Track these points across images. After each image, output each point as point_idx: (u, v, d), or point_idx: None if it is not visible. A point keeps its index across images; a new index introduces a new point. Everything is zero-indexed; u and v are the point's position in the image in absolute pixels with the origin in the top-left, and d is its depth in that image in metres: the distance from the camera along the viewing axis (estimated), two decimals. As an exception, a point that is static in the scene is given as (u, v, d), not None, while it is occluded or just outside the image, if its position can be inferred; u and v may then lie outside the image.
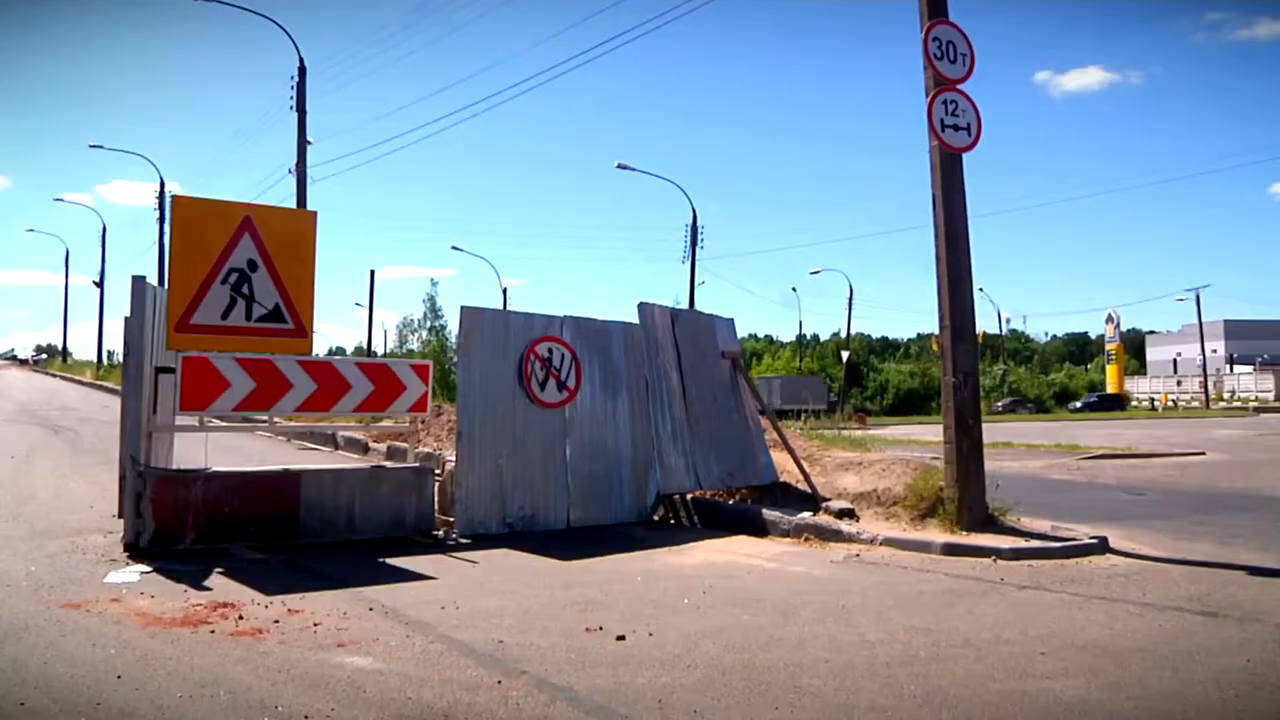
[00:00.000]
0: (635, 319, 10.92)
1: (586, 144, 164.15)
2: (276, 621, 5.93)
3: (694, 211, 48.92)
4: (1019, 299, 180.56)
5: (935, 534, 9.06)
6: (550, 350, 9.91)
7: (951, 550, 8.63)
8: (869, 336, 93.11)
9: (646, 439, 10.55)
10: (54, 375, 63.04)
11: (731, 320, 12.37)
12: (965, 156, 9.85)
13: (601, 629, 5.90)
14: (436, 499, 9.45)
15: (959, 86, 9.75)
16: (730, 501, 10.95)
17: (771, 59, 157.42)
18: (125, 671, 4.93)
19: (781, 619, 6.35)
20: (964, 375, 9.64)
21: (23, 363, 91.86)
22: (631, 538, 9.51)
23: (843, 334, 70.44)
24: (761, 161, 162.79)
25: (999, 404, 68.75)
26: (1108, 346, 73.70)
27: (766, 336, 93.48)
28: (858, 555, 8.66)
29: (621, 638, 5.71)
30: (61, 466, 13.81)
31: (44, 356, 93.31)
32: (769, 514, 9.92)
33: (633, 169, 46.99)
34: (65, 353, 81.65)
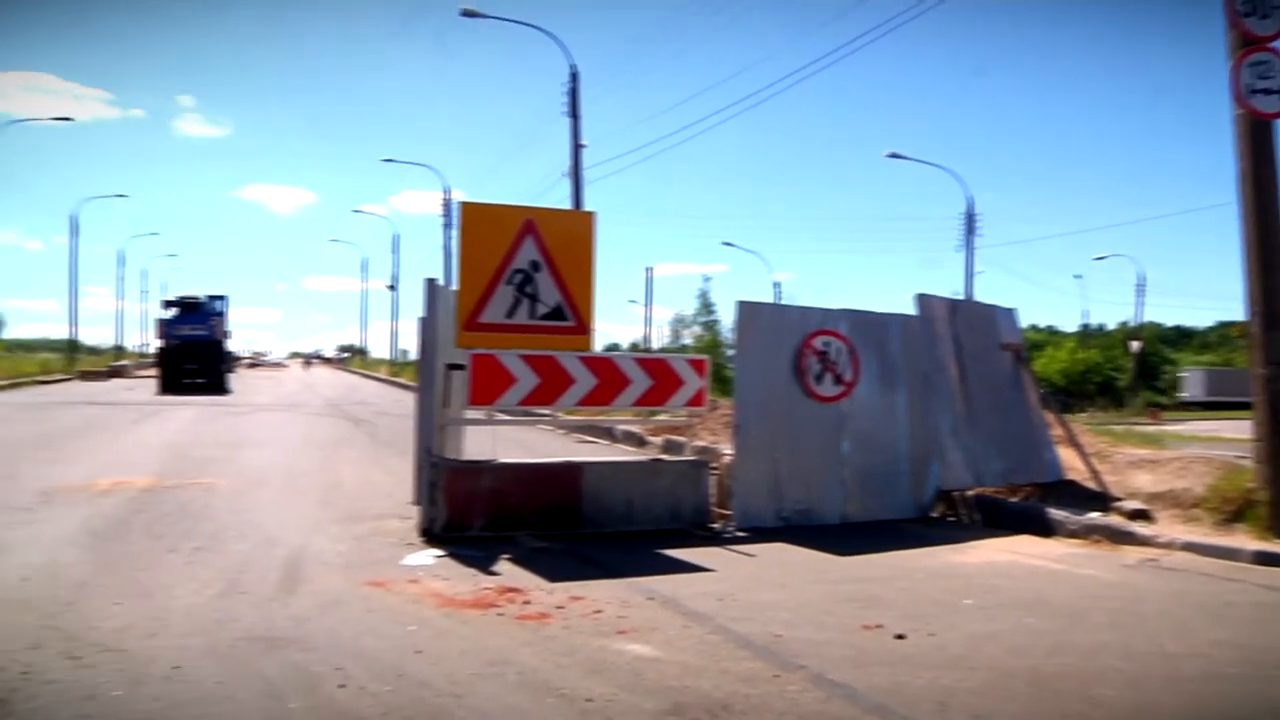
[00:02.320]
0: (911, 310, 10.67)
1: (856, 134, 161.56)
2: (560, 607, 6.16)
3: (969, 199, 47.18)
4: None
5: (1244, 540, 8.39)
6: (826, 344, 9.81)
7: (1264, 559, 7.95)
8: (1161, 326, 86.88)
9: (924, 433, 10.29)
10: (354, 372, 68.04)
11: (1013, 310, 11.91)
12: (1278, 124, 9.06)
13: (880, 626, 5.81)
14: (713, 492, 9.54)
15: (1270, 45, 8.95)
16: (1013, 499, 10.53)
17: (1049, 31, 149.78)
18: (424, 647, 5.26)
19: (1069, 624, 6.06)
20: (1277, 366, 8.89)
21: (328, 361, 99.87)
22: (909, 534, 9.30)
23: (1131, 323, 66.37)
24: (1042, 143, 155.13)
25: None
26: None
27: (1048, 327, 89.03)
28: (1153, 560, 8.12)
29: (901, 636, 5.60)
30: (363, 457, 14.81)
31: (346, 355, 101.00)
32: (1055, 513, 9.48)
33: (904, 158, 46.02)
34: (363, 351, 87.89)
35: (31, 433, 17.96)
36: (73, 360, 54.28)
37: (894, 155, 46.19)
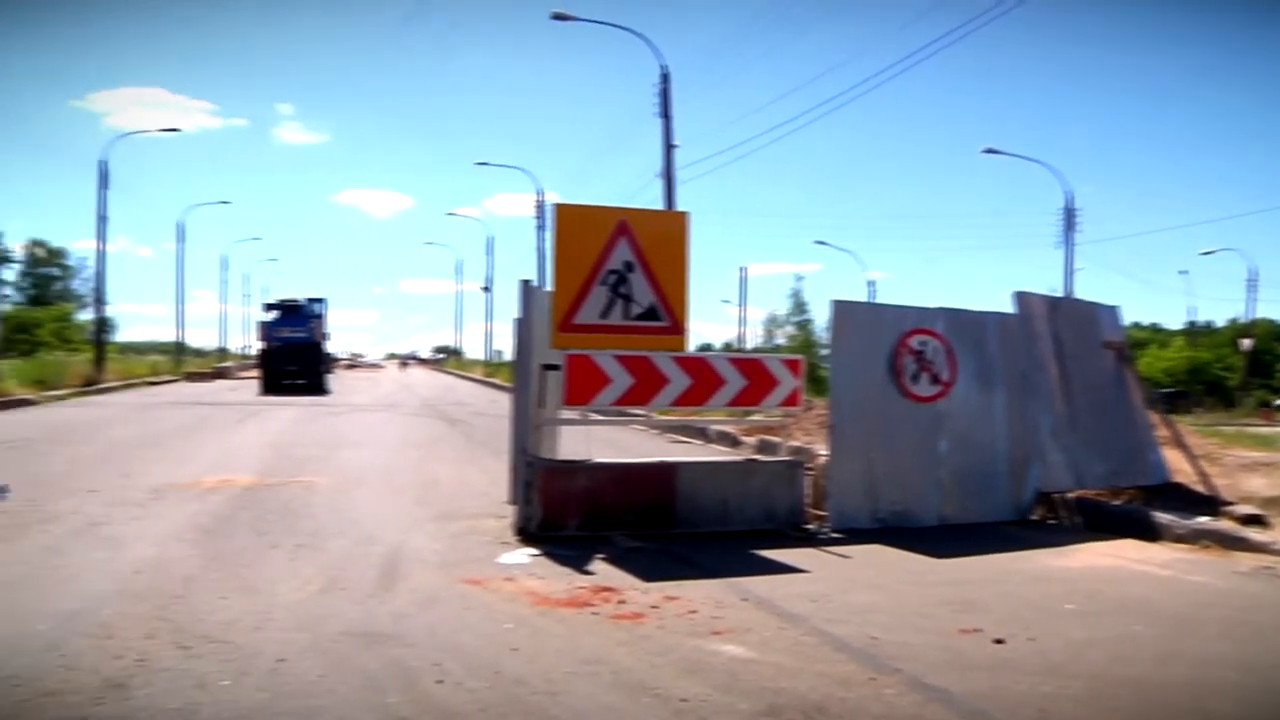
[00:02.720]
0: (1009, 309, 10.47)
1: (950, 130, 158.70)
2: (655, 607, 6.17)
3: (1067, 193, 45.96)
4: None
5: (1369, 548, 8.06)
6: (923, 343, 9.68)
7: (1392, 567, 7.62)
8: (1275, 322, 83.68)
9: (1023, 434, 10.08)
10: (449, 373, 69.11)
11: (1115, 308, 11.62)
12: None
13: (978, 630, 5.71)
14: (808, 493, 9.47)
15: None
16: (1115, 502, 10.27)
17: (1147, 19, 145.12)
18: (520, 645, 5.32)
19: (1178, 632, 5.88)
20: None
21: (423, 362, 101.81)
22: (1008, 537, 9.12)
23: (1242, 320, 64.28)
24: (1144, 135, 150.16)
25: None
26: None
27: (1152, 325, 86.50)
28: (1269, 568, 7.79)
29: (999, 641, 5.50)
30: (459, 456, 15.00)
31: (442, 356, 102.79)
32: (1160, 517, 9.21)
33: (999, 152, 45.19)
34: (459, 352, 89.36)
35: (143, 432, 18.55)
36: (180, 362, 56.03)
37: (989, 150, 45.39)
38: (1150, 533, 9.08)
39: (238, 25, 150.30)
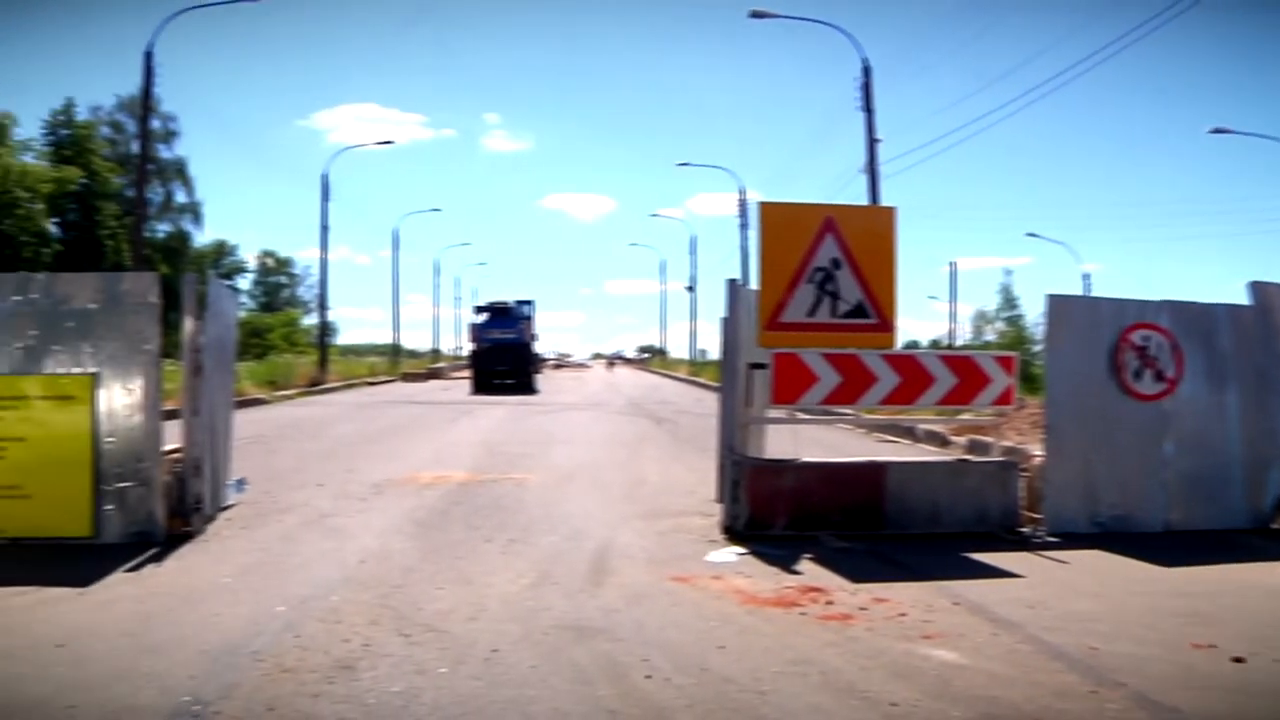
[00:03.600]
0: (1243, 300, 9.83)
1: (1171, 111, 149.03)
2: (863, 609, 6.08)
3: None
4: None
5: None
6: (1145, 338, 9.20)
7: None
8: None
9: (1261, 435, 9.44)
10: (654, 372, 69.97)
11: (1369, 298, 10.73)
12: None
13: (1212, 646, 5.35)
14: (1022, 495, 9.14)
15: None
16: (1372, 510, 9.47)
17: None
18: (727, 643, 5.35)
19: None
20: None
21: (628, 361, 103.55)
22: (1244, 546, 8.55)
23: None
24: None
25: None
26: None
27: None
28: None
29: (1239, 659, 5.13)
30: (665, 454, 15.16)
31: (646, 355, 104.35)
32: None
33: (1229, 132, 42.35)
34: (663, 351, 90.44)
35: (363, 429, 19.52)
36: (396, 363, 58.61)
37: (1217, 130, 42.64)
38: None
39: (446, 41, 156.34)
